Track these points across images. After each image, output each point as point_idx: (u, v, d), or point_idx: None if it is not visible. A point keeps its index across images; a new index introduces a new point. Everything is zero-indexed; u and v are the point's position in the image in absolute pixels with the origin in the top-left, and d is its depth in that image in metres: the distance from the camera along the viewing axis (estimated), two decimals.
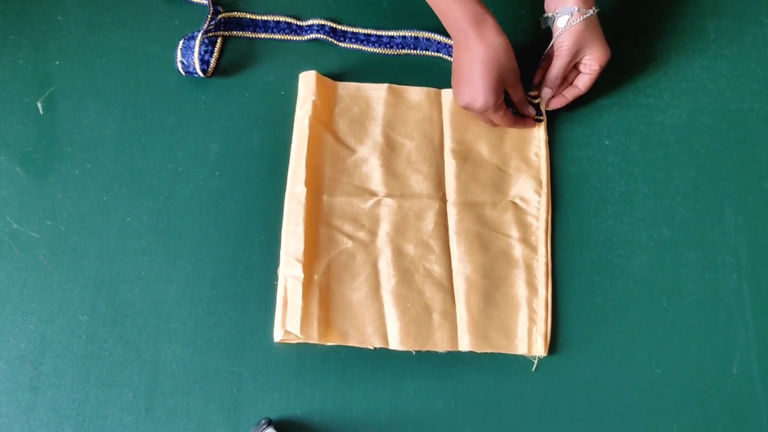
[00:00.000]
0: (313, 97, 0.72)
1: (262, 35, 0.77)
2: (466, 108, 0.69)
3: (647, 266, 0.71)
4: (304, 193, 0.69)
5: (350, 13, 0.79)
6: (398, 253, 0.69)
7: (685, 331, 0.69)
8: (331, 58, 0.77)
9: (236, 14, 0.77)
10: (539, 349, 0.67)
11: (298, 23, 0.77)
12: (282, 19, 0.77)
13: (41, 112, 0.73)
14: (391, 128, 0.74)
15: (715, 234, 0.72)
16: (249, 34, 0.77)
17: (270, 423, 0.62)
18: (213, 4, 0.76)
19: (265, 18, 0.77)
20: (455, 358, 0.67)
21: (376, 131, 0.74)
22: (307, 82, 0.74)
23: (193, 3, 0.78)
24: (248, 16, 0.78)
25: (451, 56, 0.76)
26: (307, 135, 0.71)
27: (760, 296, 0.70)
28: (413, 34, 0.77)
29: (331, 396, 0.65)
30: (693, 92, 0.78)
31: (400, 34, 0.77)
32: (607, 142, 0.75)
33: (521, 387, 0.66)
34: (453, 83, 0.70)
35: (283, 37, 0.77)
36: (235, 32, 0.77)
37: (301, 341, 0.65)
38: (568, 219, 0.72)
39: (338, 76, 0.76)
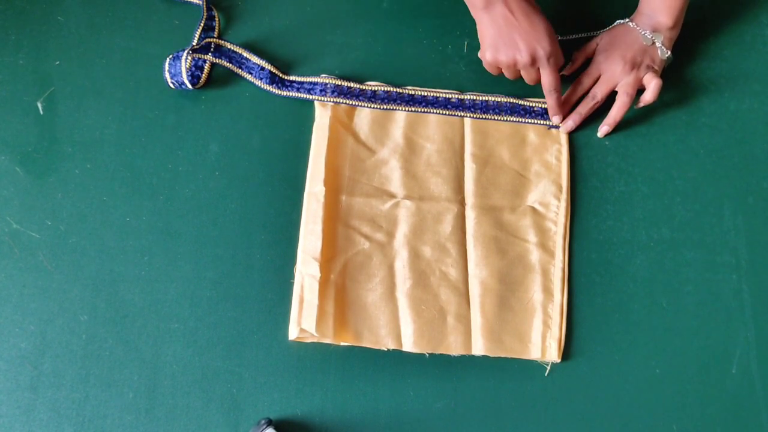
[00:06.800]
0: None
1: (246, 75, 0.75)
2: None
3: (647, 266, 0.71)
4: (323, 192, 0.69)
5: (350, 13, 0.79)
6: (415, 256, 0.69)
7: (684, 331, 0.69)
8: (332, 58, 0.77)
9: (228, 45, 0.76)
10: (553, 355, 0.66)
11: (281, 76, 0.75)
12: (268, 67, 0.74)
13: (41, 112, 0.73)
14: (413, 130, 0.74)
15: (714, 234, 0.72)
16: (234, 68, 0.75)
17: (270, 423, 0.62)
18: (208, 9, 0.76)
19: (254, 61, 0.75)
20: (455, 358, 0.67)
21: (397, 133, 0.74)
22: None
23: (193, 3, 0.78)
24: (238, 50, 0.75)
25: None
26: (327, 135, 0.71)
27: (760, 296, 0.70)
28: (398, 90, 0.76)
29: (331, 396, 0.65)
30: (693, 92, 0.78)
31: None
32: (606, 143, 0.75)
33: (520, 387, 0.66)
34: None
35: (262, 86, 0.74)
36: (222, 61, 0.75)
37: (315, 340, 0.66)
38: (568, 219, 0.72)
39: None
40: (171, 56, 0.73)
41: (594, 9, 0.81)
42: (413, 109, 0.74)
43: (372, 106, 0.74)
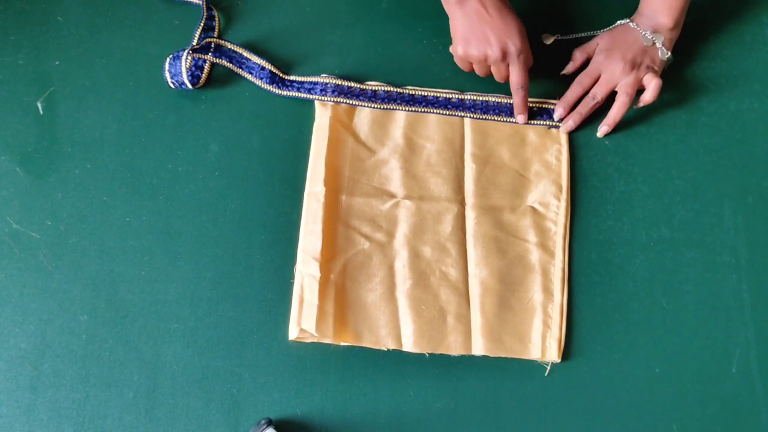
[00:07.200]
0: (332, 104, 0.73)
1: (246, 75, 0.75)
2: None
3: (647, 266, 0.71)
4: (323, 192, 0.69)
5: (350, 13, 0.79)
6: (415, 256, 0.69)
7: (684, 331, 0.69)
8: (332, 58, 0.77)
9: (228, 44, 0.76)
10: (553, 355, 0.66)
11: (281, 76, 0.75)
12: (268, 67, 0.75)
13: (41, 112, 0.73)
14: (413, 130, 0.74)
15: (714, 234, 0.72)
16: (234, 68, 0.75)
17: (270, 423, 0.62)
18: (208, 9, 0.76)
19: (254, 60, 0.75)
20: (455, 358, 0.67)
21: (397, 133, 0.74)
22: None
23: (193, 3, 0.78)
24: (238, 50, 0.76)
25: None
26: (327, 135, 0.71)
27: (760, 296, 0.70)
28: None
29: (331, 396, 0.65)
30: (693, 92, 0.78)
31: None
32: (606, 142, 0.76)
33: (520, 387, 0.66)
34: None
35: (263, 86, 0.74)
36: (222, 61, 0.75)
37: (315, 340, 0.66)
38: (568, 219, 0.72)
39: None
40: (171, 56, 0.73)
41: (594, 9, 0.81)
42: (413, 109, 0.74)
43: (372, 105, 0.74)
